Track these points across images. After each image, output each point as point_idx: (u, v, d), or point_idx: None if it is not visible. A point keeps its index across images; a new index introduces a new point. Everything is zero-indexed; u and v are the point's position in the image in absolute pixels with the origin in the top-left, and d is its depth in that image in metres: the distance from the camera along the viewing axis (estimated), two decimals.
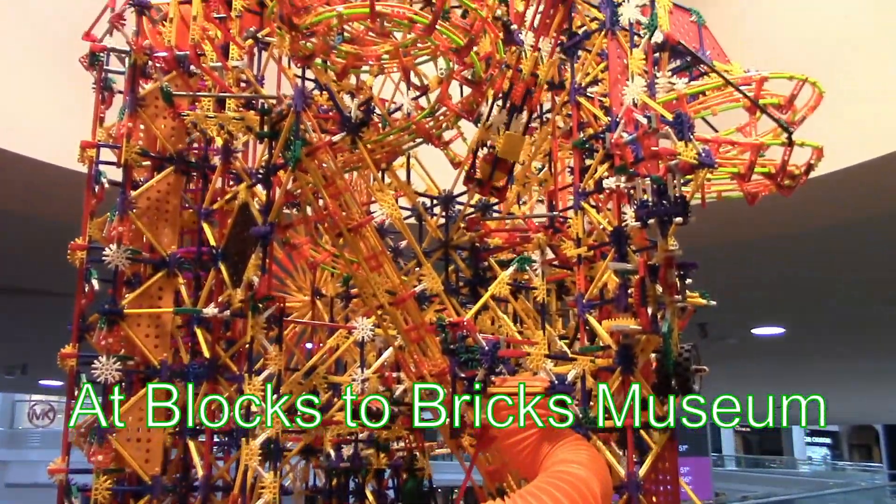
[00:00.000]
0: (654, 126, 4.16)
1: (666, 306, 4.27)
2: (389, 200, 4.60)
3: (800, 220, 9.14)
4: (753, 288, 12.39)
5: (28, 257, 11.17)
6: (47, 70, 7.58)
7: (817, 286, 12.79)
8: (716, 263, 4.36)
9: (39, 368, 19.36)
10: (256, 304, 4.43)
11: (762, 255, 10.92)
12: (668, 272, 4.22)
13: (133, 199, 5.06)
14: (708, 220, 4.67)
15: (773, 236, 9.87)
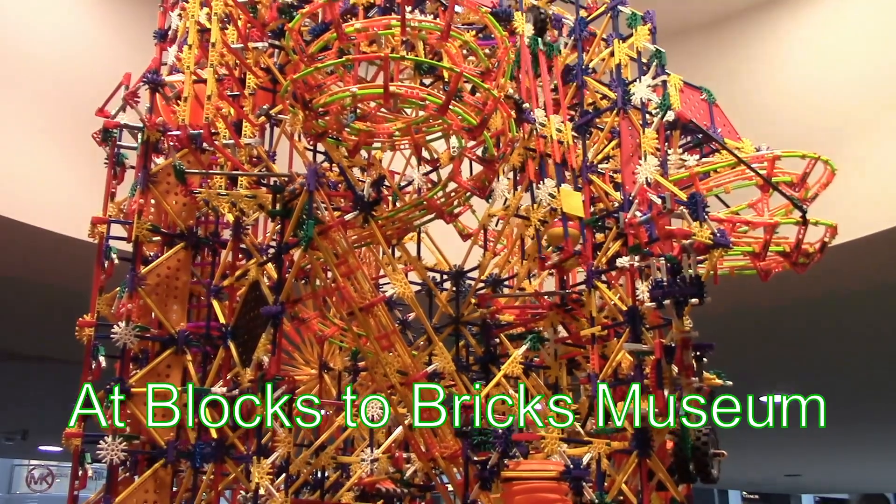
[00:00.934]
0: (668, 206, 4.15)
1: (682, 388, 4.20)
2: (401, 279, 4.56)
3: (809, 289, 9.09)
4: (765, 354, 12.28)
5: (32, 323, 11.14)
6: (61, 143, 7.65)
7: (827, 354, 12.68)
8: (723, 330, 4.32)
9: (39, 434, 19.16)
10: (266, 385, 4.36)
11: (771, 322, 10.85)
12: (684, 354, 4.16)
13: (143, 275, 5.03)
14: (715, 289, 4.60)
15: (783, 304, 9.82)
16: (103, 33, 8.81)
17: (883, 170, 7.82)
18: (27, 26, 8.24)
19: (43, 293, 9.39)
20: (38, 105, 7.75)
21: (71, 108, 7.59)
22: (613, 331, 4.74)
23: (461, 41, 4.68)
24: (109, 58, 8.37)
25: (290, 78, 4.50)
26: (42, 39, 8.26)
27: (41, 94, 7.81)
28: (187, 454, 4.91)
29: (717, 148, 5.21)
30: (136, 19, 8.76)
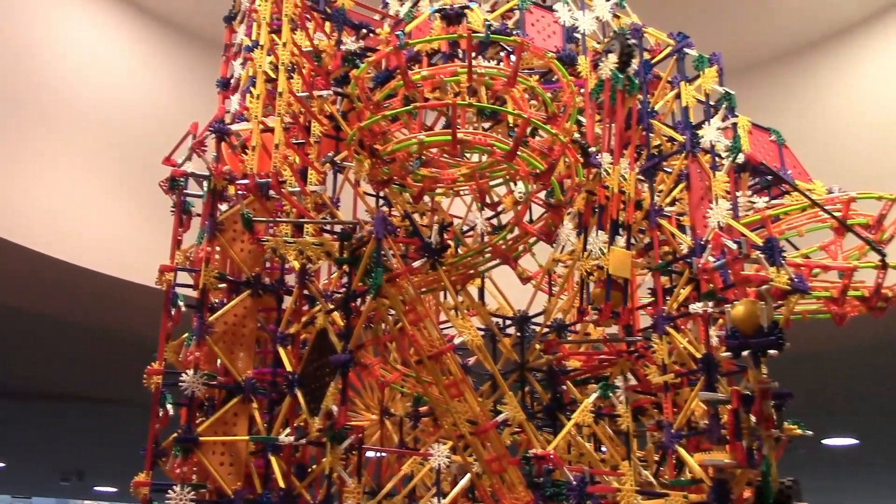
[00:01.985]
0: (744, 251, 4.06)
1: (762, 440, 4.07)
2: (470, 326, 4.51)
3: (873, 333, 8.84)
4: (825, 398, 11.95)
5: (91, 367, 11.30)
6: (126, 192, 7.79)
7: (893, 397, 12.30)
8: (786, 373, 4.21)
9: (95, 475, 19.35)
10: (336, 435, 4.32)
11: (835, 364, 10.57)
12: (763, 404, 4.03)
13: (210, 323, 5.05)
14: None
15: (847, 349, 9.56)
16: (166, 84, 9.01)
17: None
18: (93, 79, 8.47)
19: (103, 337, 9.51)
20: (104, 155, 7.93)
21: (135, 158, 7.74)
22: (686, 379, 4.63)
23: (526, 86, 4.67)
24: (172, 107, 8.55)
25: (356, 125, 4.52)
26: (107, 91, 8.48)
27: (107, 144, 7.99)
28: (254, 503, 4.87)
29: (787, 190, 5.11)
30: (197, 69, 8.94)
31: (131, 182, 7.73)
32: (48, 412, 13.88)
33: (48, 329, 9.34)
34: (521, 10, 4.90)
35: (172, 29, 9.33)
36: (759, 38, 9.08)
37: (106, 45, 8.95)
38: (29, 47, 8.26)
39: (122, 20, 9.01)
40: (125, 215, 7.81)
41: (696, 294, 4.60)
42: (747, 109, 5.15)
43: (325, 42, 5.35)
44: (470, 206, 6.17)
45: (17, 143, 7.49)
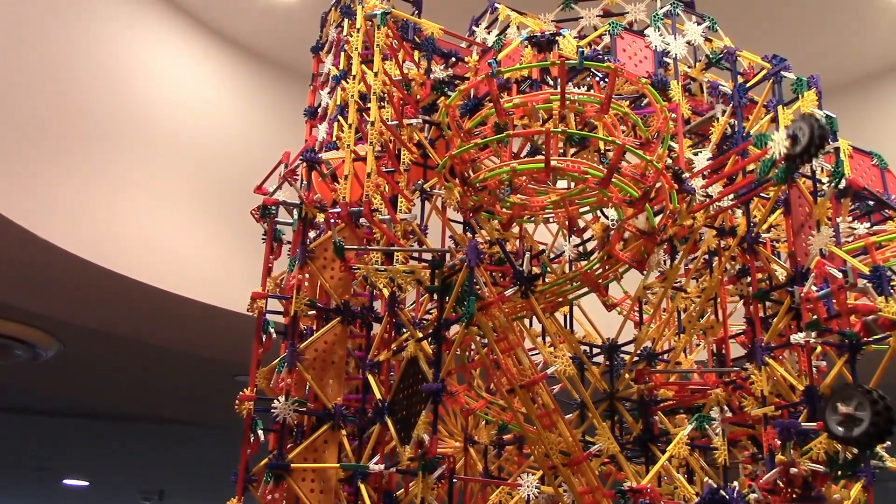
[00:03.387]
0: (850, 280, 3.92)
1: None
2: (562, 356, 4.45)
3: None
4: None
5: (175, 390, 11.52)
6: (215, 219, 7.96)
7: None
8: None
9: (175, 494, 19.70)
10: (427, 464, 4.29)
11: None
12: None
13: (301, 350, 5.09)
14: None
15: None
16: (258, 115, 9.23)
17: None
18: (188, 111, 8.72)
19: (192, 362, 9.70)
20: (198, 185, 8.14)
21: (228, 187, 7.92)
22: (787, 411, 4.49)
23: (617, 111, 4.62)
24: (263, 137, 8.74)
25: (446, 154, 4.53)
26: (201, 123, 8.72)
27: (200, 174, 8.20)
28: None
29: (890, 215, 4.94)
30: (287, 100, 9.12)
31: (224, 211, 7.90)
32: (132, 433, 14.20)
33: (139, 353, 9.58)
34: (611, 36, 4.85)
35: (264, 62, 9.56)
36: (856, 55, 8.83)
37: (201, 77, 9.22)
38: (128, 79, 8.55)
39: (217, 54, 9.28)
40: (218, 244, 7.99)
41: (797, 323, 4.47)
42: (846, 131, 5.00)
43: (415, 71, 5.40)
44: (557, 234, 6.12)
45: (116, 174, 7.74)
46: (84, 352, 9.88)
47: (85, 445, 15.67)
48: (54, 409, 13.00)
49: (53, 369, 10.49)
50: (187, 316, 8.13)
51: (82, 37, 8.54)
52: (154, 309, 8.14)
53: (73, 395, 12.13)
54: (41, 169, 7.70)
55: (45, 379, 11.11)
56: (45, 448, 15.84)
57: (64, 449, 16.09)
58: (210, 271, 7.86)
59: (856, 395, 3.69)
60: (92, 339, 9.31)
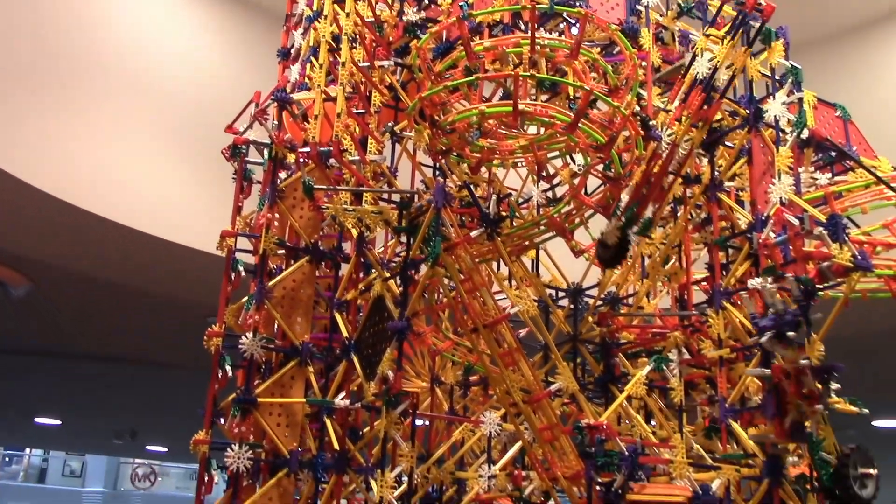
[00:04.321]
0: (807, 227, 4.02)
1: (807, 415, 4.05)
2: (525, 297, 4.55)
3: None
4: (877, 379, 11.78)
5: (147, 331, 11.56)
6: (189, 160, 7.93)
7: None
8: (837, 352, 4.16)
9: (147, 434, 19.86)
10: (391, 399, 4.40)
11: (886, 346, 10.42)
12: (803, 381, 3.99)
13: (270, 288, 5.14)
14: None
15: None
16: (229, 54, 9.13)
17: None
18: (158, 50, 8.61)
19: (162, 302, 9.72)
20: (168, 123, 8.08)
21: (198, 126, 7.87)
22: (742, 353, 4.62)
23: (588, 58, 4.66)
24: (234, 77, 8.67)
25: (417, 96, 4.56)
26: (171, 61, 8.62)
27: (171, 113, 8.13)
28: (309, 464, 4.99)
29: (851, 166, 5.04)
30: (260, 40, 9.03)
31: (194, 150, 7.86)
32: (104, 373, 14.24)
33: (110, 293, 9.58)
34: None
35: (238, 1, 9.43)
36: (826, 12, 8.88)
37: (173, 16, 9.09)
38: (98, 18, 8.42)
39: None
40: (189, 183, 7.96)
41: (755, 270, 4.58)
42: (813, 84, 5.07)
43: (387, 13, 5.38)
44: (526, 179, 6.18)
45: (87, 113, 7.67)
46: (55, 291, 9.87)
47: (57, 385, 15.72)
48: (26, 348, 13.01)
49: (25, 309, 10.50)
50: (157, 256, 8.13)
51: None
52: (123, 248, 8.13)
53: (44, 334, 12.14)
54: (10, 107, 7.61)
55: (17, 318, 11.11)
56: (16, 387, 15.87)
57: (36, 388, 16.14)
58: (180, 211, 7.85)
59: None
60: (63, 278, 9.30)
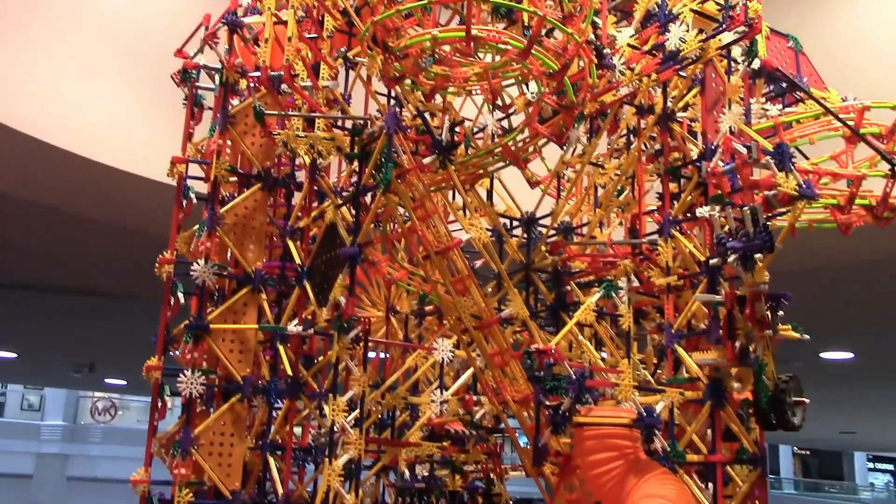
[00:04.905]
0: (754, 156, 4.07)
1: (756, 340, 4.17)
2: (477, 224, 4.57)
3: (873, 246, 8.89)
4: (824, 312, 12.08)
5: (102, 262, 11.43)
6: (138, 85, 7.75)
7: (889, 313, 12.44)
8: (785, 287, 4.26)
9: (106, 367, 19.78)
10: (343, 325, 4.43)
11: (833, 279, 10.66)
12: (755, 306, 4.10)
13: (221, 214, 5.11)
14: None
15: (847, 263, 9.63)
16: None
17: None
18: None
19: (115, 232, 9.60)
20: (116, 46, 7.86)
21: (147, 49, 7.68)
22: (689, 281, 4.70)
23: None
24: None
25: (369, 20, 4.48)
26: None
27: (118, 35, 7.90)
28: (262, 390, 5.03)
29: (801, 98, 5.08)
30: None
31: (143, 75, 7.67)
32: (59, 305, 14.10)
33: (65, 224, 9.42)
34: None
35: None
36: None
37: None
38: None
39: None
40: (137, 109, 7.79)
41: (705, 199, 4.64)
42: (766, 15, 5.06)
43: None
44: (481, 108, 6.15)
45: (27, 36, 7.43)
46: (8, 221, 9.70)
47: (12, 317, 15.53)
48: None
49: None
50: (106, 184, 7.99)
51: None
52: (72, 177, 7.98)
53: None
54: None
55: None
56: None
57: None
58: (130, 138, 7.69)
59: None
60: (16, 208, 9.13)
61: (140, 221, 8.57)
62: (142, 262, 5.34)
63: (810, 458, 49.05)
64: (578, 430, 4.24)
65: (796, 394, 4.08)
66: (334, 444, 4.38)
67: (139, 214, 8.55)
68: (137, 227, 8.80)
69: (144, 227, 8.51)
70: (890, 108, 4.82)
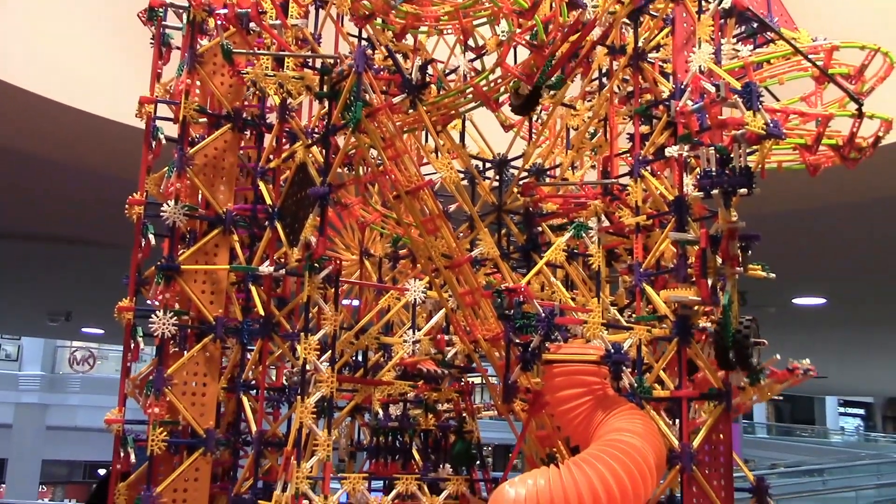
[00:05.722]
0: (722, 95, 4.08)
1: (726, 278, 4.22)
2: (446, 163, 4.57)
3: (846, 191, 8.98)
4: (796, 257, 12.22)
5: (76, 208, 11.34)
6: (104, 24, 7.61)
7: (861, 258, 12.61)
8: (758, 231, 4.31)
9: (83, 316, 19.72)
10: (313, 265, 4.44)
11: (805, 224, 10.77)
12: (730, 244, 4.16)
13: (190, 155, 5.08)
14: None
15: (818, 206, 9.72)
16: None
17: None
18: None
19: (87, 178, 9.51)
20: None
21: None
22: (658, 221, 4.74)
23: None
24: None
25: None
26: None
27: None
28: (235, 330, 5.05)
29: (772, 38, 5.08)
30: None
31: (109, 14, 7.53)
32: (33, 254, 14.01)
33: (28, 168, 9.33)
34: None
35: None
36: None
37: None
38: None
39: None
40: (103, 49, 7.66)
41: (674, 139, 4.65)
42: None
43: None
44: (453, 49, 6.10)
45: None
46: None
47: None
48: None
49: None
50: (77, 128, 7.91)
51: None
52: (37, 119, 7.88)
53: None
54: None
55: None
56: None
57: None
58: (96, 79, 7.59)
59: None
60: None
61: (111, 166, 8.49)
62: (115, 209, 5.30)
63: (783, 404, 50.02)
64: (547, 367, 4.31)
65: (755, 335, 4.15)
66: (307, 383, 4.42)
67: (109, 159, 8.47)
68: (109, 173, 8.71)
69: (116, 173, 8.43)
70: (859, 49, 4.82)
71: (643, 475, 3.84)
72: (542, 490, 3.70)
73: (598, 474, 3.74)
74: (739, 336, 4.16)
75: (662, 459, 4.10)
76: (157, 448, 4.76)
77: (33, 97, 7.48)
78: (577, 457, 3.94)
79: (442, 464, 5.29)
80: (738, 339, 4.17)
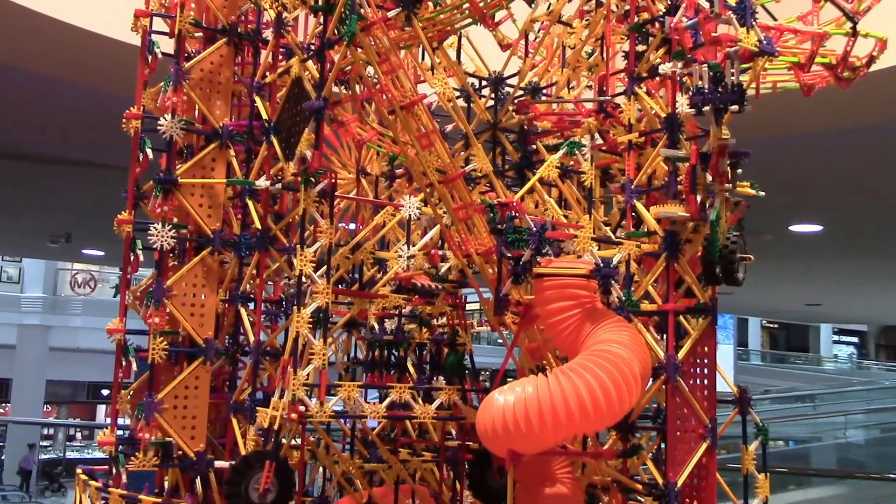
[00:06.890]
0: (716, 10, 4.08)
1: (715, 194, 4.29)
2: (441, 79, 4.59)
3: (843, 115, 8.97)
4: (793, 184, 12.26)
5: (75, 128, 11.32)
6: None
7: (858, 184, 12.64)
8: (754, 157, 4.34)
9: (83, 237, 19.83)
10: (309, 178, 4.50)
11: (802, 150, 10.78)
12: (720, 160, 4.22)
13: (187, 69, 5.09)
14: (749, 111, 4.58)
15: (815, 131, 9.72)
16: None
17: None
18: None
19: (86, 96, 9.48)
20: None
21: None
22: (650, 139, 4.78)
23: None
24: None
25: None
26: None
27: None
28: (233, 244, 5.14)
29: None
30: None
31: None
32: (36, 174, 14.02)
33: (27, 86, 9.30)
34: None
35: None
36: None
37: None
38: None
39: None
40: None
41: (669, 57, 4.66)
42: None
43: None
44: None
45: None
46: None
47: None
48: None
49: None
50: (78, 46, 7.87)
51: None
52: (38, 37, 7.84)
53: None
54: None
55: None
56: None
57: None
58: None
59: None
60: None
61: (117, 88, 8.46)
62: (111, 128, 5.33)
63: (778, 331, 50.61)
64: (538, 280, 4.40)
65: (741, 251, 4.23)
66: (303, 294, 4.52)
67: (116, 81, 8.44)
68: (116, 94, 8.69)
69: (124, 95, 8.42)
70: None
71: (628, 384, 3.96)
72: (530, 397, 3.84)
73: (584, 382, 3.87)
74: (726, 251, 4.25)
75: (648, 370, 4.22)
76: (158, 357, 4.89)
77: (31, 13, 7.43)
78: (564, 366, 4.06)
79: (435, 376, 5.43)
80: (725, 255, 4.26)
